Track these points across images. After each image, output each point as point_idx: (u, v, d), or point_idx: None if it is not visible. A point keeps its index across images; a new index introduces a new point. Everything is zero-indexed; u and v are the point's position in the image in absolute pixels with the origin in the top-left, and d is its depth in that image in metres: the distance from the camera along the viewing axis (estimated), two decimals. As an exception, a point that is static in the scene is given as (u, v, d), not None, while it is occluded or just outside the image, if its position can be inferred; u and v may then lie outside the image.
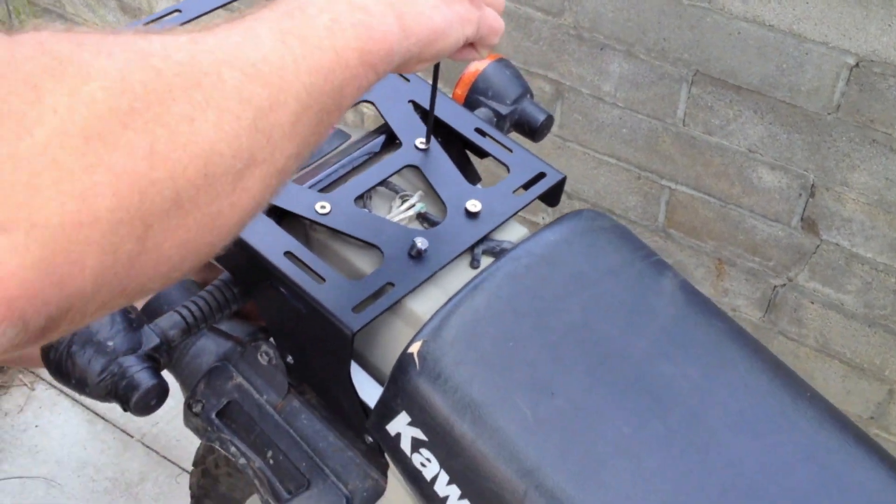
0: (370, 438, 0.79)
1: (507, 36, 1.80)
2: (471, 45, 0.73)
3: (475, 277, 0.76)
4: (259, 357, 0.83)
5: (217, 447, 0.82)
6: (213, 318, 0.79)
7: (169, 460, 1.95)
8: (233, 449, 0.82)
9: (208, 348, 0.85)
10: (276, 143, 0.48)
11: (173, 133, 0.42)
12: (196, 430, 0.85)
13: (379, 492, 0.79)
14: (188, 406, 0.84)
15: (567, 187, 1.89)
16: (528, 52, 1.80)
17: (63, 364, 0.69)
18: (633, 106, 1.72)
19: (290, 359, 0.81)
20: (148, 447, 1.97)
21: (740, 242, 1.74)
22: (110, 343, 0.69)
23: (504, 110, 0.99)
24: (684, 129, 1.68)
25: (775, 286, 1.75)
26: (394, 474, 0.77)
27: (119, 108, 0.40)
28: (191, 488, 1.17)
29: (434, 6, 0.63)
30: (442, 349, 0.72)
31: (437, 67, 0.81)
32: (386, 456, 0.76)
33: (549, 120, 1.00)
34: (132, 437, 1.99)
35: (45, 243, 0.37)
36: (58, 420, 2.01)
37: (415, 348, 0.72)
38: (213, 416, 0.83)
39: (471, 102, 1.00)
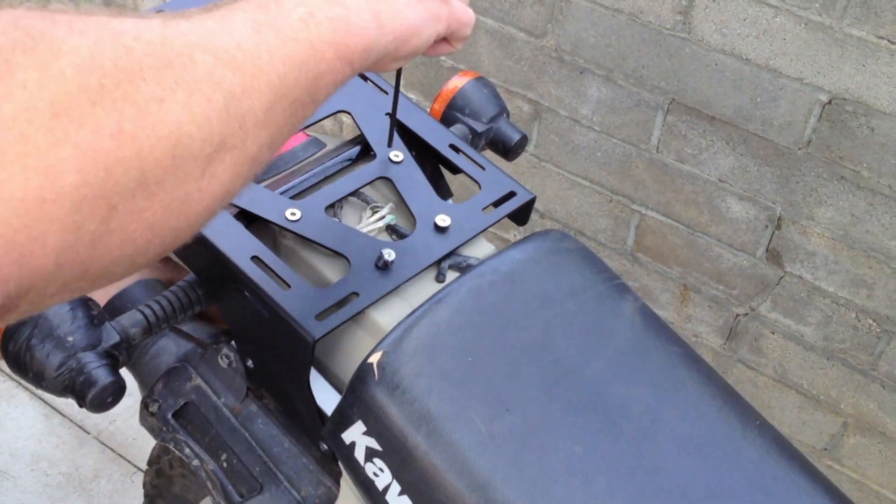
0: (325, 446, 0.79)
1: (489, 54, 1.82)
2: (444, 40, 0.73)
3: (439, 291, 0.77)
4: (219, 360, 0.84)
5: (171, 448, 0.82)
6: (176, 319, 0.79)
7: (124, 458, 1.94)
8: (187, 450, 0.82)
9: (169, 348, 0.85)
10: (249, 129, 0.48)
11: (142, 112, 0.42)
12: (151, 430, 0.85)
13: (331, 499, 0.79)
14: (145, 405, 0.84)
15: (539, 206, 1.90)
16: (509, 72, 1.81)
17: (22, 356, 0.69)
18: (609, 130, 1.74)
19: (250, 363, 0.81)
20: (104, 444, 1.96)
21: (706, 270, 1.76)
22: (70, 338, 0.69)
23: (480, 128, 1.00)
24: (657, 156, 1.70)
25: (738, 315, 1.77)
26: (346, 483, 0.77)
27: (88, 85, 0.40)
28: (144, 487, 1.16)
29: (408, 4, 0.64)
30: (401, 361, 0.73)
31: (399, 73, 0.81)
32: (340, 464, 0.77)
33: (524, 140, 1.01)
34: (88, 433, 1.98)
35: (6, 218, 0.37)
36: (14, 412, 1.99)
37: (374, 359, 0.73)
38: (170, 416, 0.83)
39: (448, 118, 1.01)
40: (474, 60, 1.85)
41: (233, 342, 0.85)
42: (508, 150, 1.00)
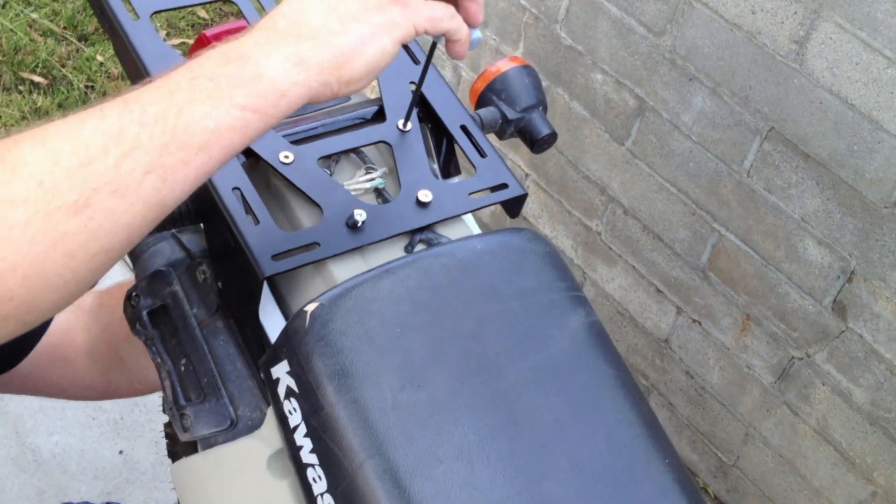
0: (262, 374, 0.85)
1: (607, 41, 1.81)
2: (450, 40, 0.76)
3: (391, 261, 0.81)
4: (197, 274, 0.90)
5: (141, 341, 0.90)
6: (169, 226, 0.86)
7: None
8: (153, 348, 0.89)
9: (164, 252, 0.93)
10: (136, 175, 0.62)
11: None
12: (129, 320, 0.93)
13: (261, 424, 0.86)
14: (128, 297, 0.93)
15: (624, 202, 1.90)
16: (621, 63, 1.81)
17: None
18: (706, 143, 1.71)
19: (219, 283, 0.88)
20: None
21: (771, 305, 1.73)
22: None
23: (511, 115, 1.02)
24: (747, 180, 1.67)
25: (793, 357, 1.73)
26: (270, 413, 0.83)
27: None
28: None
29: (336, 31, 0.67)
30: (333, 316, 0.77)
31: (432, 47, 0.84)
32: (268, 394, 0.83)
33: (552, 136, 1.03)
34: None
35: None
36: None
37: (310, 308, 0.78)
38: (145, 314, 0.91)
39: (483, 98, 1.03)
40: (592, 44, 1.85)
41: None
42: (534, 143, 1.02)
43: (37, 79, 2.59)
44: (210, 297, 0.90)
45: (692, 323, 1.90)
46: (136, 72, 0.90)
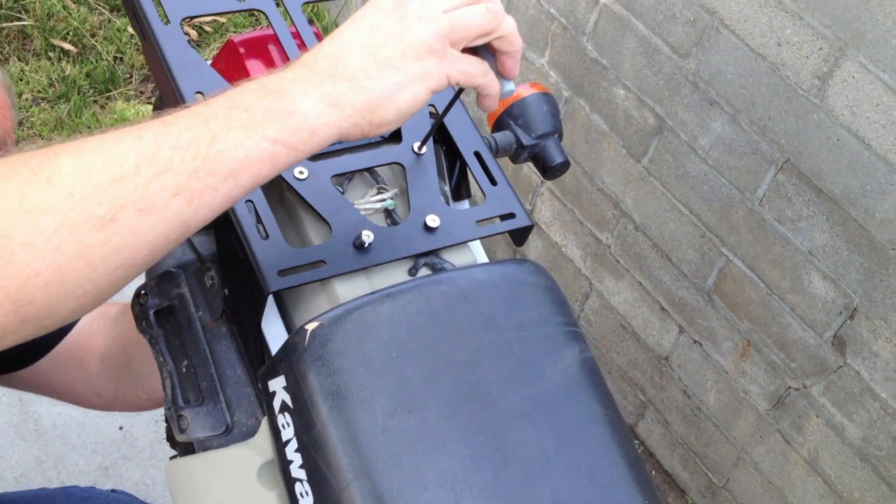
0: (260, 385, 0.87)
1: (632, 58, 1.82)
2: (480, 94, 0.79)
3: (394, 286, 0.82)
4: (206, 278, 0.92)
5: (146, 339, 0.93)
6: None
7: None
8: (157, 347, 0.92)
9: (175, 253, 0.95)
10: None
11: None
12: (135, 317, 0.95)
13: (256, 433, 0.88)
14: (137, 294, 0.95)
15: (636, 218, 1.91)
16: (644, 81, 1.81)
17: None
18: (721, 168, 1.72)
19: (226, 290, 0.90)
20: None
21: (772, 334, 1.74)
22: None
23: (526, 140, 1.03)
24: (758, 209, 1.68)
25: (789, 387, 1.74)
26: (265, 424, 0.85)
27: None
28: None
29: (373, 77, 0.69)
30: (332, 336, 0.79)
31: (460, 90, 0.86)
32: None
33: (564, 165, 1.04)
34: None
35: None
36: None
37: (311, 326, 0.80)
38: (151, 313, 0.93)
39: (500, 122, 1.05)
40: (617, 60, 1.86)
41: None
42: (546, 170, 1.03)
43: (67, 46, 2.62)
44: (216, 302, 0.92)
45: (693, 343, 1.91)
46: (162, 76, 0.91)
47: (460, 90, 0.87)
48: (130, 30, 2.67)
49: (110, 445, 1.81)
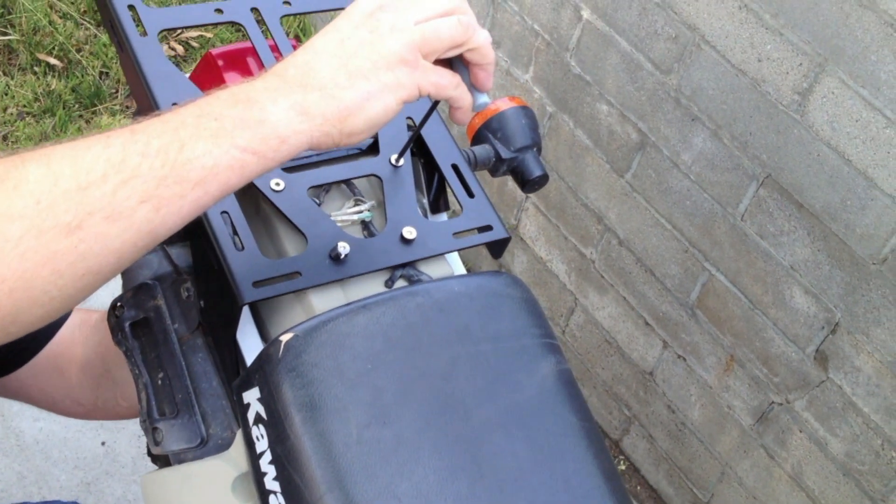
0: (235, 397, 0.87)
1: (615, 74, 1.83)
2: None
3: (369, 297, 0.82)
4: (182, 290, 0.92)
5: (122, 351, 0.92)
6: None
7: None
8: (132, 359, 0.91)
9: (151, 264, 0.95)
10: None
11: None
12: (111, 329, 0.94)
13: (231, 445, 0.87)
14: (112, 306, 0.94)
15: (620, 233, 1.92)
16: (627, 96, 1.82)
17: None
18: (703, 184, 1.73)
19: (202, 302, 0.90)
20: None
21: (755, 349, 1.74)
22: None
23: (505, 154, 1.04)
24: (741, 224, 1.69)
25: (773, 402, 1.74)
26: (240, 435, 0.85)
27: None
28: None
29: (343, 86, 0.69)
30: (306, 347, 0.79)
31: (435, 102, 0.86)
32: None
33: (543, 178, 1.04)
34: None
35: None
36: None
37: (285, 338, 0.80)
38: (127, 325, 0.92)
39: (479, 135, 1.05)
40: (600, 76, 1.87)
41: None
42: (525, 183, 1.04)
43: (52, 61, 2.62)
44: (192, 314, 0.92)
45: (677, 358, 1.92)
46: (139, 88, 0.92)
47: (436, 102, 0.87)
48: (117, 45, 2.68)
49: (92, 461, 1.80)
